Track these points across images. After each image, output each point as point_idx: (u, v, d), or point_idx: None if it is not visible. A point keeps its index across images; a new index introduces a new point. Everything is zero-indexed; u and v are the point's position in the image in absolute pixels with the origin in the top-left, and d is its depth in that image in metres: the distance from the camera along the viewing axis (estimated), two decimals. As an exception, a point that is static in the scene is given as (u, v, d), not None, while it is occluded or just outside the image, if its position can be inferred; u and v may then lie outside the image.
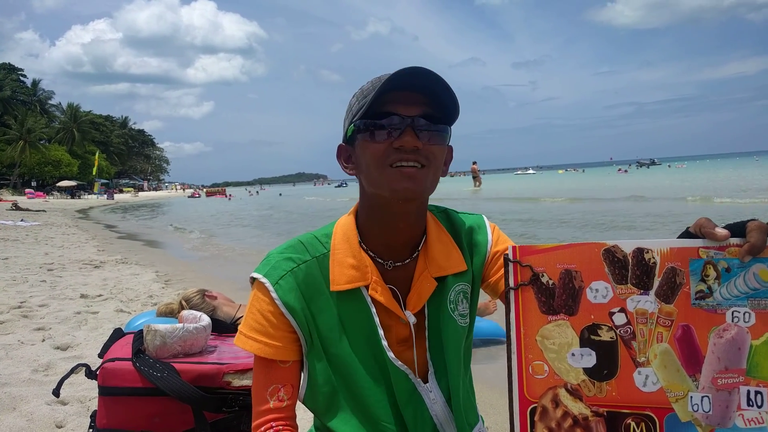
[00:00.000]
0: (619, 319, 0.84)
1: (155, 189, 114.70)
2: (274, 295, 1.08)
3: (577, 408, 0.85)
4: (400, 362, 1.11)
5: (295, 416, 1.14)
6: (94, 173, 72.26)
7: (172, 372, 1.51)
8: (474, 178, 36.28)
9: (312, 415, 1.20)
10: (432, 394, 1.12)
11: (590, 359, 0.85)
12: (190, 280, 6.94)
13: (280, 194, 67.62)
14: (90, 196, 65.09)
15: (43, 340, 4.00)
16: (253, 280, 1.12)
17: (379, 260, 1.13)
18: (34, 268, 7.89)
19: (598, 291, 0.85)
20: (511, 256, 0.89)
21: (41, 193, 58.98)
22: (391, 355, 1.10)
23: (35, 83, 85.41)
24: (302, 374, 1.14)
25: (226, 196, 69.68)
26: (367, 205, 1.12)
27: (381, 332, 1.10)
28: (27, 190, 58.62)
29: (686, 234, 0.86)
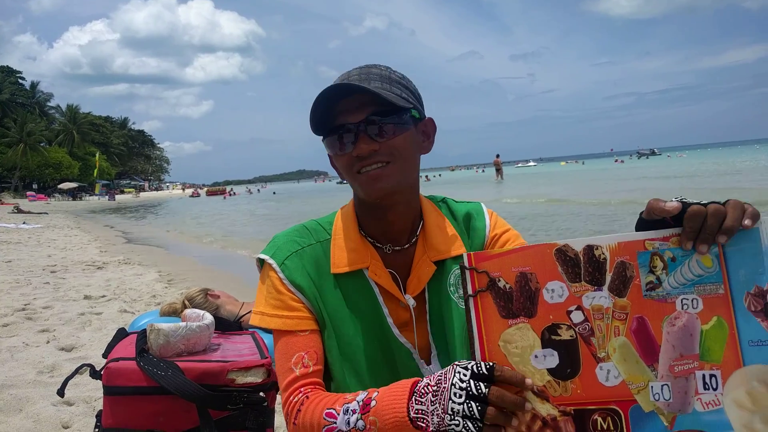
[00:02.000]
0: (577, 317, 0.86)
1: (156, 189, 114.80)
2: (281, 275, 1.13)
3: (545, 409, 0.86)
4: (404, 338, 1.13)
5: (322, 382, 1.13)
6: (95, 175, 72.32)
7: (176, 370, 1.51)
8: (497, 171, 36.74)
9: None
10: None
11: (553, 359, 0.86)
12: (193, 280, 6.95)
13: (274, 193, 67.92)
14: (91, 198, 65.19)
15: (48, 342, 4.01)
16: (261, 261, 1.16)
17: (378, 245, 1.17)
18: (37, 270, 7.91)
19: (554, 291, 0.86)
20: (466, 263, 0.89)
21: (43, 196, 59.04)
22: (395, 331, 1.12)
23: (34, 85, 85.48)
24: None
25: (226, 195, 69.79)
26: (357, 199, 1.18)
27: (386, 310, 1.13)
28: (28, 193, 58.71)
29: (640, 221, 0.88)
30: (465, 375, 0.86)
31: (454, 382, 0.87)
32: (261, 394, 1.55)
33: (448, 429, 0.85)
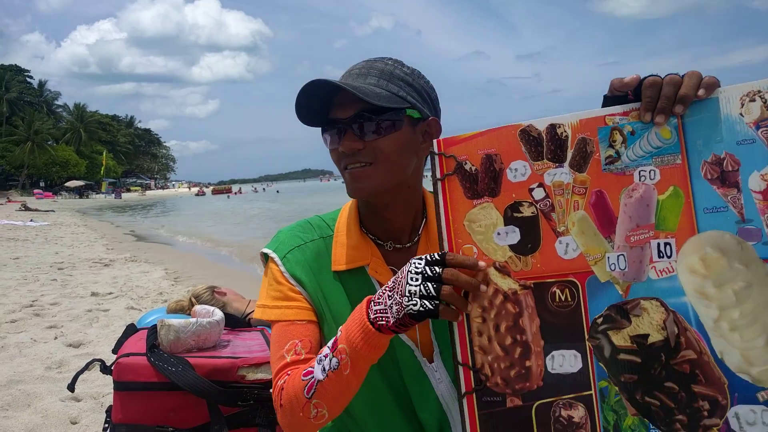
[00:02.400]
0: (538, 194, 0.88)
1: (162, 188, 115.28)
2: (282, 268, 1.12)
3: (506, 284, 0.88)
4: (405, 336, 1.11)
5: None
6: (102, 173, 72.71)
7: (186, 366, 1.51)
8: None
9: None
10: (437, 374, 1.13)
11: (515, 236, 0.88)
12: (199, 278, 6.97)
13: (278, 191, 68.14)
14: (98, 196, 65.52)
15: (56, 338, 4.02)
16: (265, 256, 1.16)
17: (379, 242, 1.16)
18: (44, 267, 7.95)
19: (517, 170, 0.88)
20: (435, 149, 0.92)
21: (50, 194, 59.43)
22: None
23: (42, 84, 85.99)
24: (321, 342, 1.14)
25: (233, 194, 70.01)
26: None
27: None
28: (35, 191, 59.10)
29: (604, 100, 0.89)
30: (420, 262, 0.89)
31: (410, 269, 0.89)
32: (271, 391, 1.54)
33: (407, 312, 0.87)
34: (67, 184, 67.23)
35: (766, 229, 0.81)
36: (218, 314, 1.75)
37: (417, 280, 0.88)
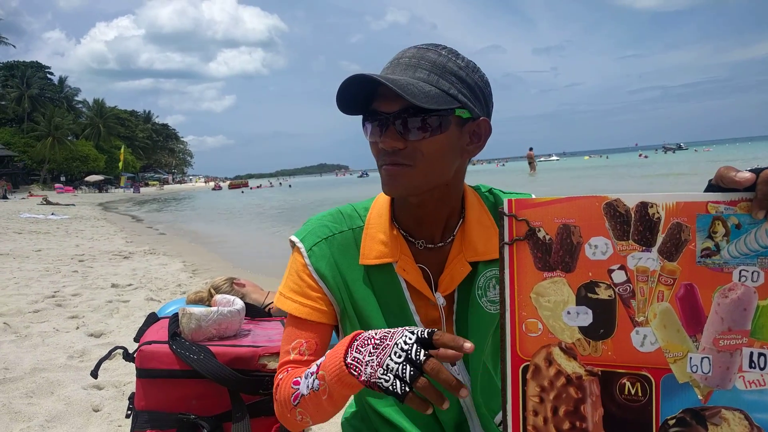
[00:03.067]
0: (619, 276, 0.80)
1: (179, 182, 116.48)
2: (307, 260, 1.11)
3: (571, 367, 0.82)
4: None
5: None
6: (120, 167, 73.68)
7: (208, 354, 1.51)
8: (530, 164, 36.93)
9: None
10: (459, 377, 1.11)
11: (586, 318, 0.81)
12: (217, 270, 7.02)
13: (290, 186, 68.68)
14: (117, 190, 66.47)
15: (77, 328, 4.08)
16: (292, 243, 1.15)
17: (411, 239, 1.12)
18: (65, 259, 8.08)
19: (598, 247, 0.80)
20: (506, 210, 0.84)
21: (70, 188, 60.37)
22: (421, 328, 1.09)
23: (62, 80, 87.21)
24: (339, 338, 1.14)
25: (247, 188, 70.69)
26: None
27: (412, 307, 1.10)
28: (56, 185, 60.09)
29: (709, 188, 0.81)
30: (410, 338, 0.86)
31: (398, 341, 0.86)
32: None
33: (377, 382, 0.85)
34: (87, 178, 68.21)
35: None
36: (239, 303, 1.75)
37: (400, 357, 0.85)
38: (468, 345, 0.83)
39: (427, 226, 1.11)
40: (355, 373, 0.88)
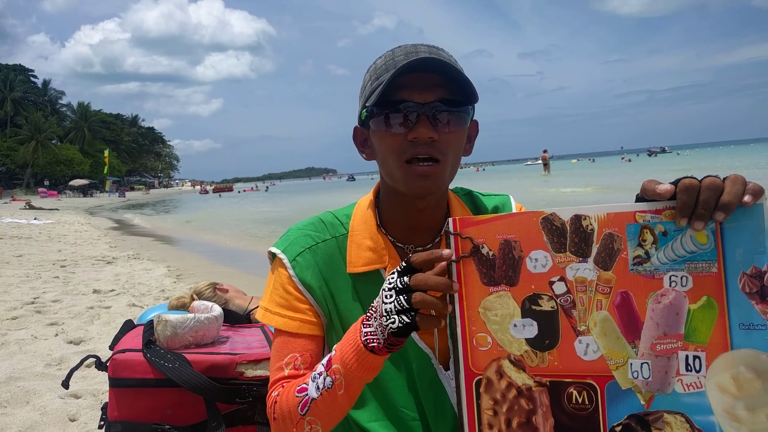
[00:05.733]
0: (559, 288, 0.83)
1: (166, 186, 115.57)
2: (291, 272, 1.07)
3: (521, 379, 0.84)
4: (423, 343, 1.07)
5: None
6: (105, 171, 72.95)
7: (183, 362, 1.47)
8: (544, 165, 38.06)
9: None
10: (453, 382, 1.08)
11: (532, 329, 0.84)
12: (202, 275, 6.94)
13: (266, 189, 69.11)
14: (102, 194, 65.76)
15: (56, 335, 4.00)
16: (272, 255, 1.10)
17: (399, 244, 1.10)
18: (47, 265, 7.94)
19: (538, 260, 0.83)
20: (451, 229, 0.87)
21: (54, 192, 59.61)
22: (414, 335, 1.06)
23: (46, 83, 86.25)
24: (324, 352, 1.11)
25: (233, 192, 70.76)
26: (386, 191, 1.10)
27: None
28: (40, 189, 59.32)
29: (637, 200, 0.83)
30: (392, 277, 0.87)
31: (384, 286, 0.87)
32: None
33: (389, 331, 0.85)
34: (72, 182, 67.43)
35: None
36: (217, 310, 1.71)
37: (391, 296, 0.85)
38: (446, 252, 0.84)
39: (420, 230, 1.09)
40: (375, 344, 0.88)
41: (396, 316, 0.84)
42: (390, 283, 0.86)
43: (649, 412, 0.80)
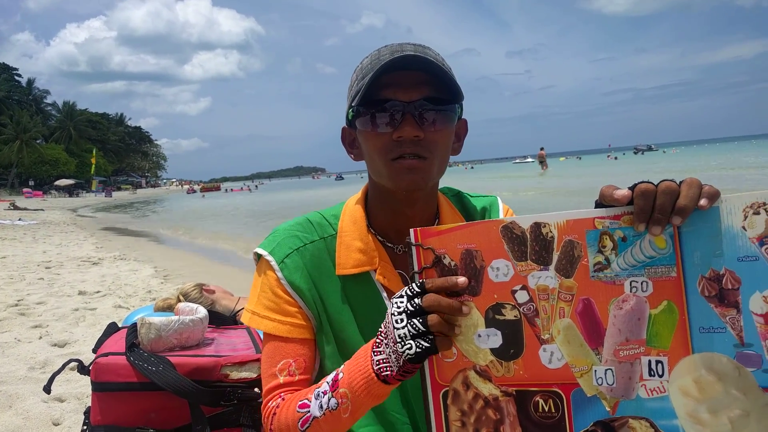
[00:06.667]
0: (522, 296, 0.83)
1: (153, 186, 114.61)
2: (279, 274, 1.04)
3: (487, 389, 0.84)
4: None
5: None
6: (92, 171, 72.16)
7: (167, 365, 1.45)
8: (541, 163, 38.26)
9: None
10: None
11: (496, 339, 0.84)
12: (189, 275, 6.89)
13: (256, 186, 69.28)
14: (88, 195, 65.07)
15: (41, 338, 3.95)
16: (258, 256, 1.08)
17: (389, 244, 1.09)
18: (31, 266, 7.84)
19: (499, 269, 0.83)
20: (412, 239, 0.86)
21: (39, 192, 58.86)
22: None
23: (30, 82, 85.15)
24: (315, 356, 1.09)
25: (219, 191, 70.67)
26: (374, 190, 1.09)
27: None
28: (25, 190, 58.53)
29: (596, 206, 0.83)
30: (401, 301, 0.84)
31: (392, 311, 0.84)
32: (256, 390, 1.49)
33: (405, 358, 0.83)
34: (57, 182, 66.61)
35: (767, 356, 0.75)
36: (202, 312, 1.69)
37: (402, 320, 0.83)
38: (461, 279, 0.83)
39: (409, 227, 1.08)
40: (388, 372, 0.85)
41: (412, 341, 0.81)
42: (399, 307, 0.84)
43: (615, 418, 0.80)
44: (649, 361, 0.79)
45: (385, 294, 1.06)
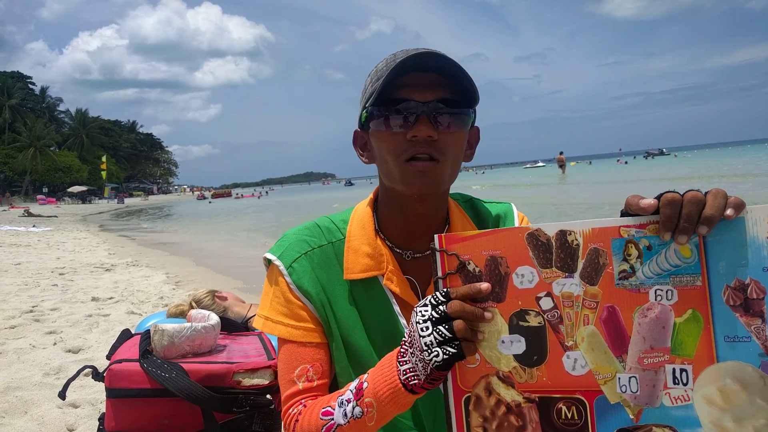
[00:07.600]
0: (546, 303, 0.83)
1: (165, 192, 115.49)
2: (288, 279, 1.05)
3: (510, 395, 0.84)
4: None
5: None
6: (104, 178, 72.87)
7: (180, 372, 1.47)
8: (560, 166, 38.58)
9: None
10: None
11: (520, 346, 0.84)
12: (200, 282, 6.93)
13: (266, 192, 69.52)
14: (100, 201, 65.70)
15: (55, 344, 3.99)
16: (268, 261, 1.09)
17: (397, 250, 1.09)
18: (45, 273, 7.92)
19: (524, 276, 0.84)
20: (437, 245, 0.87)
21: (52, 199, 59.54)
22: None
23: (43, 90, 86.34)
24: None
25: (230, 197, 71.08)
26: (385, 194, 1.09)
27: (402, 321, 1.06)
28: (38, 197, 59.21)
29: (622, 215, 0.84)
30: (426, 309, 0.85)
31: (417, 320, 0.85)
32: (268, 396, 1.50)
33: (433, 366, 0.83)
34: (70, 189, 67.32)
35: None
36: (214, 318, 1.71)
37: (428, 328, 0.83)
38: (485, 285, 0.83)
39: (419, 235, 1.08)
40: (416, 382, 0.85)
41: (438, 349, 0.82)
42: (423, 315, 0.84)
43: (638, 425, 0.80)
44: (674, 369, 0.79)
45: (393, 299, 1.06)
